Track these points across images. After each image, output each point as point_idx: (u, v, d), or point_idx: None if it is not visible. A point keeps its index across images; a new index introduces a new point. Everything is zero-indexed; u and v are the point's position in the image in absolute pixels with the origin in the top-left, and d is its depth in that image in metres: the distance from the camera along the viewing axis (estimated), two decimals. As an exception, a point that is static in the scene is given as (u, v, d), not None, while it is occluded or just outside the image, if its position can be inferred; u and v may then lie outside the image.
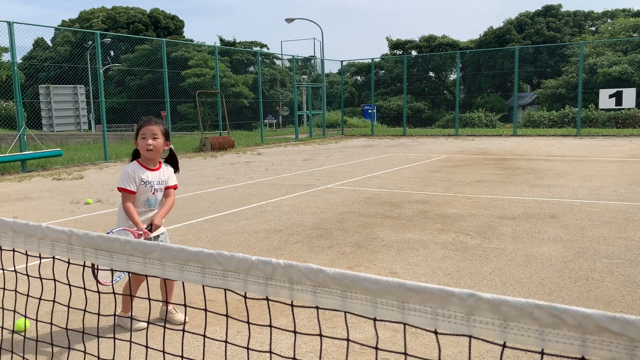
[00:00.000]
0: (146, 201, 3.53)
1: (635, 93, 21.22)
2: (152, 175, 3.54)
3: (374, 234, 5.95)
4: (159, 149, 3.54)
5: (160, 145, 3.53)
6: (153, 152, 3.50)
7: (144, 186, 3.51)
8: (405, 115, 25.81)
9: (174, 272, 1.37)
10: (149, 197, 3.52)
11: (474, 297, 0.98)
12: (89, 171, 13.06)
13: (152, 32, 50.33)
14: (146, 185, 3.51)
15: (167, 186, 3.61)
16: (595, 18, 45.89)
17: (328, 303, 1.15)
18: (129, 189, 3.46)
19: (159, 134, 3.51)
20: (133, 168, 3.52)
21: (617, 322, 0.87)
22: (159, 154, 3.60)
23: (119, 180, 3.55)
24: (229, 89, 36.09)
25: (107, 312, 3.71)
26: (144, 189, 3.51)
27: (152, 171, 3.56)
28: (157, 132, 3.50)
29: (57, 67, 38.79)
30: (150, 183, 3.53)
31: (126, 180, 3.47)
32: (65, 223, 6.98)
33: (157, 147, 3.51)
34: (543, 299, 3.89)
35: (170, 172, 3.66)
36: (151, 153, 3.50)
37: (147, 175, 3.52)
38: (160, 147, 3.54)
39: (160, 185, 3.58)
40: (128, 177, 3.48)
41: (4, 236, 1.72)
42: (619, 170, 10.61)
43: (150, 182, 3.53)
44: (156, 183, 3.56)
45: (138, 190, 3.49)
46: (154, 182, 3.54)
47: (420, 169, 11.78)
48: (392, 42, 48.65)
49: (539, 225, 6.18)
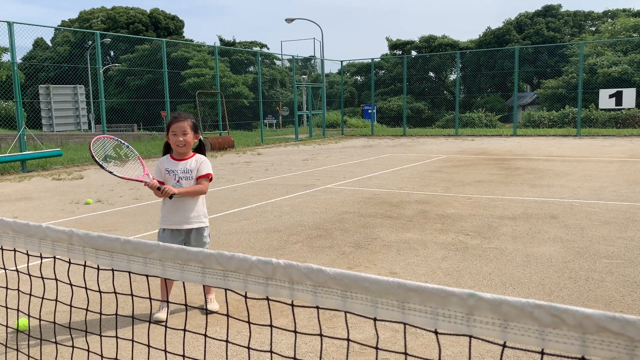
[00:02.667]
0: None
1: (635, 93, 21.21)
2: (178, 165, 3.70)
3: (374, 234, 5.96)
4: (189, 144, 3.72)
5: (191, 140, 3.71)
6: (185, 147, 3.69)
7: (168, 175, 3.70)
8: (405, 116, 25.81)
9: (174, 272, 1.37)
10: (174, 184, 3.65)
11: (474, 297, 0.99)
12: (89, 171, 13.06)
13: (152, 33, 50.31)
14: (170, 173, 3.69)
15: (198, 175, 3.70)
16: (595, 18, 45.87)
17: (328, 303, 1.15)
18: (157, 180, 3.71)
19: (188, 130, 3.68)
20: (162, 160, 3.78)
21: (617, 322, 0.88)
22: (190, 148, 3.76)
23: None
24: (229, 89, 36.08)
25: (109, 312, 3.71)
26: (168, 177, 3.69)
27: (178, 161, 3.72)
28: (186, 128, 3.67)
29: (57, 67, 38.77)
30: (174, 172, 3.69)
31: (155, 172, 3.76)
32: (65, 223, 6.98)
33: (188, 142, 3.69)
34: (543, 299, 3.90)
35: (202, 162, 3.75)
36: (182, 148, 3.70)
37: (171, 165, 3.71)
38: (190, 142, 3.72)
39: (186, 174, 3.68)
40: (157, 169, 3.77)
41: (4, 236, 1.72)
42: (619, 170, 10.61)
43: (174, 170, 3.69)
44: (180, 172, 3.69)
45: (164, 179, 3.69)
46: (177, 170, 3.69)
47: (420, 169, 11.78)
48: (392, 42, 48.64)
49: (539, 225, 6.18)
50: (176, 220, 3.67)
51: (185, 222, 3.68)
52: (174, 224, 3.67)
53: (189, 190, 3.63)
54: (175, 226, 3.67)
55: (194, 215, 3.69)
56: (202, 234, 3.75)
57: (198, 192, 3.68)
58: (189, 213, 3.68)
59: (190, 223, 3.68)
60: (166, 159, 3.76)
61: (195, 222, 3.69)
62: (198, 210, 3.72)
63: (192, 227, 3.69)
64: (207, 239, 3.80)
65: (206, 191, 3.75)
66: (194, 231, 3.71)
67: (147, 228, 6.58)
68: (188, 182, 3.68)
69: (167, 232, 3.70)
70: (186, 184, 3.67)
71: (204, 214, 3.77)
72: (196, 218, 3.70)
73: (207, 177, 3.73)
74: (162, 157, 3.80)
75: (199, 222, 3.71)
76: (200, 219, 3.72)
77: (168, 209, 3.68)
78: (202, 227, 3.74)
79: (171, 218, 3.67)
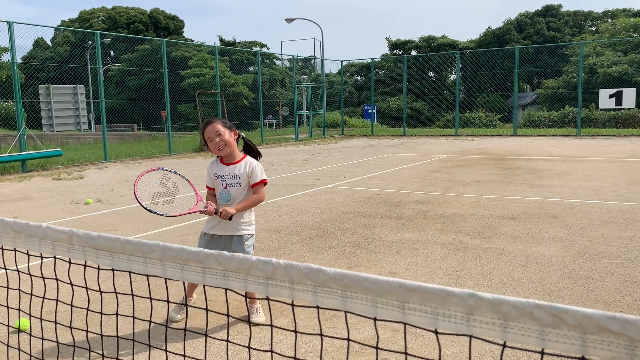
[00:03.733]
0: (219, 196, 3.48)
1: (635, 93, 21.21)
2: (226, 170, 3.47)
3: (374, 234, 5.96)
4: (230, 142, 3.43)
5: (229, 138, 3.42)
6: (227, 146, 3.42)
7: (217, 180, 3.49)
8: (405, 115, 25.80)
9: (174, 272, 1.37)
10: (221, 191, 3.46)
11: (474, 297, 0.99)
12: (89, 171, 13.06)
13: (152, 33, 50.32)
14: (218, 179, 3.48)
15: (252, 183, 3.46)
16: (595, 18, 45.86)
17: (328, 303, 1.15)
18: (207, 185, 3.57)
19: (221, 129, 3.41)
20: (211, 164, 3.57)
21: (617, 322, 0.88)
22: (234, 146, 3.48)
23: None
24: (229, 89, 36.08)
25: (109, 311, 3.71)
26: (217, 183, 3.49)
27: (227, 165, 3.48)
28: (218, 128, 3.41)
29: (57, 67, 38.78)
30: (222, 177, 3.47)
31: (207, 177, 3.58)
32: (65, 223, 6.98)
33: (226, 140, 3.41)
34: (543, 299, 3.90)
35: (253, 168, 3.47)
36: (225, 149, 3.42)
37: (219, 170, 3.49)
38: (229, 140, 3.42)
39: (234, 180, 3.45)
40: (207, 173, 3.57)
41: (5, 236, 1.73)
42: (619, 170, 10.61)
43: (222, 176, 3.47)
44: (228, 177, 3.46)
45: (214, 185, 3.51)
46: (225, 176, 3.46)
47: (420, 169, 11.78)
48: (391, 42, 48.64)
49: (539, 225, 6.18)
50: (217, 226, 3.47)
51: (227, 229, 3.45)
52: (214, 228, 3.48)
53: (245, 205, 3.40)
54: (215, 231, 3.48)
55: (235, 222, 3.44)
56: (243, 241, 3.48)
57: (255, 203, 3.44)
58: (233, 219, 3.44)
59: (231, 230, 3.45)
60: (215, 162, 3.54)
61: (236, 229, 3.46)
62: (242, 217, 3.46)
63: (233, 234, 3.46)
64: (249, 248, 3.52)
65: (264, 198, 3.50)
66: (235, 238, 3.48)
67: (147, 228, 6.58)
68: (236, 188, 3.44)
69: (208, 235, 3.52)
70: (234, 190, 3.44)
71: (249, 222, 3.52)
72: (238, 225, 3.46)
73: (262, 183, 3.47)
74: (212, 160, 3.59)
75: (240, 230, 3.47)
76: (243, 226, 3.48)
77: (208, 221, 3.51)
78: (243, 235, 3.48)
79: (213, 223, 3.48)
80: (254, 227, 3.57)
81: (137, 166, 14.14)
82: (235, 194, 3.45)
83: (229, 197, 3.46)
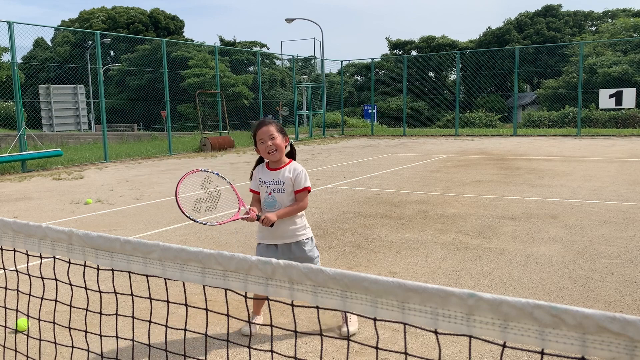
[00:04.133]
0: (264, 202, 3.39)
1: (635, 93, 21.21)
2: (270, 175, 3.37)
3: (374, 234, 5.96)
4: (281, 147, 3.34)
5: (281, 143, 3.33)
6: (277, 151, 3.32)
7: (261, 186, 3.41)
8: (405, 115, 25.80)
9: (174, 272, 1.37)
10: (266, 198, 3.37)
11: (474, 297, 0.99)
12: (89, 171, 13.06)
13: (152, 33, 50.31)
14: (262, 184, 3.40)
15: (296, 190, 3.35)
16: (595, 18, 45.87)
17: (328, 303, 1.15)
18: (251, 189, 3.48)
19: (275, 133, 3.31)
20: (257, 168, 3.47)
21: (617, 322, 0.88)
22: (283, 152, 3.38)
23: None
24: (229, 89, 36.08)
25: (109, 312, 3.71)
26: (261, 188, 3.41)
27: (272, 170, 3.39)
28: (273, 131, 3.31)
29: (57, 67, 38.78)
30: (266, 183, 3.37)
31: (252, 181, 3.48)
32: (65, 223, 6.98)
33: (278, 145, 3.31)
34: (543, 299, 3.89)
35: (297, 173, 3.36)
36: (275, 154, 3.32)
37: (264, 175, 3.40)
38: (281, 145, 3.33)
39: (278, 186, 3.34)
40: (253, 177, 3.48)
41: (4, 236, 1.72)
42: (619, 170, 10.61)
43: (266, 182, 3.38)
44: (272, 183, 3.36)
45: (259, 189, 3.42)
46: (269, 181, 3.37)
47: (420, 169, 11.78)
48: (391, 42, 48.66)
49: (539, 225, 6.18)
50: (270, 235, 3.37)
51: (280, 237, 3.35)
52: (268, 238, 3.39)
53: (287, 211, 3.29)
54: (270, 241, 3.38)
55: (288, 229, 3.34)
56: (303, 247, 3.38)
57: (297, 211, 3.33)
58: (283, 227, 3.33)
59: (284, 238, 3.35)
60: (261, 167, 3.44)
61: (290, 236, 3.36)
62: (294, 223, 3.36)
63: (290, 241, 3.36)
64: (313, 252, 3.43)
65: (306, 206, 3.38)
66: (292, 245, 3.37)
67: (147, 228, 6.58)
68: (280, 194, 3.33)
69: (262, 245, 3.43)
70: (278, 196, 3.33)
71: (303, 226, 3.40)
72: (291, 232, 3.35)
73: (306, 191, 3.36)
74: (258, 166, 3.48)
75: (295, 236, 3.37)
76: (297, 231, 3.37)
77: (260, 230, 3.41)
78: (300, 241, 3.38)
79: (265, 232, 3.38)
80: (310, 230, 3.47)
81: (137, 166, 14.14)
82: (280, 200, 3.34)
83: (273, 203, 3.35)
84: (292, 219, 3.35)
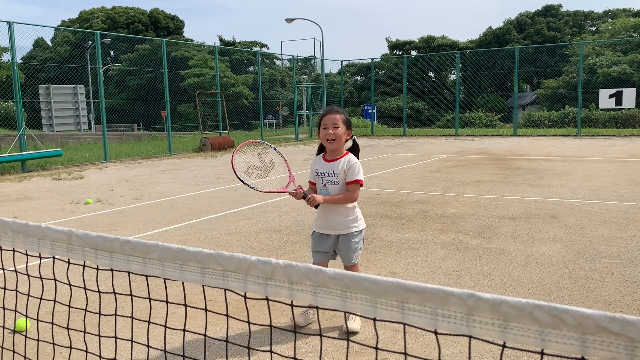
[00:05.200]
0: (320, 193, 3.39)
1: (635, 93, 21.21)
2: (326, 166, 3.39)
3: (374, 234, 5.95)
4: (341, 138, 3.36)
5: (342, 134, 3.35)
6: (335, 141, 3.34)
7: (317, 176, 3.44)
8: (405, 116, 25.80)
9: (173, 272, 1.37)
10: (321, 189, 3.39)
11: (474, 297, 0.98)
12: (89, 171, 13.06)
13: (152, 33, 50.33)
14: (318, 175, 3.42)
15: (347, 181, 3.35)
16: (595, 18, 45.88)
17: (328, 303, 1.15)
18: (309, 180, 3.51)
19: (339, 123, 3.33)
20: (315, 160, 3.51)
21: (617, 322, 0.87)
22: (342, 144, 3.39)
23: None
24: (229, 89, 36.08)
25: (108, 312, 3.71)
26: (317, 179, 3.44)
27: (328, 162, 3.41)
28: (338, 121, 3.33)
29: (57, 67, 38.77)
30: (322, 174, 3.40)
31: (310, 172, 3.53)
32: (65, 223, 6.98)
33: (338, 135, 3.33)
34: (543, 299, 3.89)
35: (351, 165, 3.37)
36: (332, 143, 3.34)
37: (320, 166, 3.41)
38: (341, 136, 3.35)
39: (332, 178, 3.37)
40: (310, 168, 3.51)
41: (3, 236, 1.72)
42: (619, 170, 10.61)
43: (321, 173, 3.41)
44: (327, 174, 3.38)
45: (315, 180, 3.46)
46: (324, 173, 3.39)
47: (420, 169, 11.78)
48: (391, 42, 48.67)
49: (539, 225, 6.18)
50: (323, 225, 3.43)
51: (332, 228, 3.40)
52: (321, 228, 3.44)
53: (334, 198, 3.30)
54: (322, 230, 3.44)
55: (340, 221, 3.39)
56: (350, 239, 3.41)
57: (345, 200, 3.33)
58: (336, 218, 3.38)
59: (336, 229, 3.40)
60: (318, 158, 3.48)
61: (342, 228, 3.39)
62: (347, 215, 3.39)
63: (339, 232, 3.40)
64: (357, 244, 3.44)
65: (356, 199, 3.38)
66: (341, 237, 3.42)
67: (147, 228, 6.58)
68: (334, 186, 3.36)
69: (316, 234, 3.48)
70: (332, 188, 3.35)
71: (355, 218, 3.43)
72: (343, 224, 3.39)
73: (357, 183, 3.35)
74: (316, 157, 3.53)
75: (346, 228, 3.40)
76: (348, 224, 3.40)
77: (319, 212, 3.45)
78: (349, 233, 3.41)
79: (320, 222, 3.45)
80: (363, 222, 3.49)
81: (137, 166, 14.14)
82: (333, 192, 3.36)
83: (327, 194, 3.38)
84: (346, 211, 3.39)
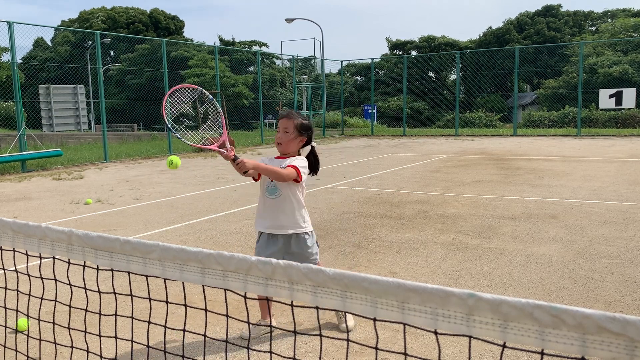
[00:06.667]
0: (266, 189, 3.37)
1: (635, 93, 21.21)
2: (274, 162, 3.37)
3: (374, 234, 5.95)
4: (288, 143, 3.35)
5: (290, 140, 3.34)
6: (281, 145, 3.35)
7: None
8: (405, 116, 25.80)
9: (173, 272, 1.37)
10: (268, 184, 3.34)
11: (474, 297, 0.98)
12: (89, 171, 13.05)
13: (152, 33, 50.31)
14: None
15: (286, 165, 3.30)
16: (595, 18, 45.88)
17: (328, 303, 1.15)
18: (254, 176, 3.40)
19: (290, 128, 3.33)
20: (269, 156, 3.49)
21: (617, 322, 0.87)
22: (289, 148, 3.38)
23: None
24: (229, 89, 36.08)
25: (108, 312, 3.71)
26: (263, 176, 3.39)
27: (277, 159, 3.40)
28: (288, 125, 3.33)
29: (57, 67, 38.77)
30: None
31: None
32: (65, 223, 6.98)
33: (284, 140, 3.33)
34: (543, 299, 3.89)
35: (297, 157, 3.37)
36: (279, 146, 3.37)
37: (270, 162, 3.38)
38: (289, 142, 3.34)
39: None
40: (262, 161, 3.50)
41: (4, 236, 1.72)
42: (619, 170, 10.61)
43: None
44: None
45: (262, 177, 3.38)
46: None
47: (420, 169, 11.78)
48: (391, 42, 48.66)
49: (539, 225, 6.18)
50: (269, 224, 3.32)
51: (281, 227, 3.30)
52: (267, 227, 3.33)
53: (267, 168, 3.17)
54: (269, 230, 3.33)
55: (290, 219, 3.29)
56: (305, 242, 3.34)
57: (278, 173, 3.19)
58: (285, 217, 3.29)
59: (286, 227, 3.30)
60: (270, 157, 3.48)
61: (293, 225, 3.30)
62: (297, 214, 3.32)
63: (289, 232, 3.30)
64: (312, 248, 3.38)
65: (287, 179, 3.22)
66: (292, 238, 3.32)
67: (147, 228, 6.58)
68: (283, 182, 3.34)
69: (264, 237, 3.37)
70: (280, 183, 3.30)
71: (304, 218, 3.35)
72: (294, 222, 3.31)
73: (294, 168, 3.25)
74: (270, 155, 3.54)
75: (297, 227, 3.31)
76: (299, 222, 3.32)
77: (262, 209, 3.37)
78: (300, 233, 3.33)
79: (264, 219, 3.34)
80: (310, 225, 3.41)
81: (137, 166, 14.14)
82: (281, 187, 3.31)
83: (275, 190, 3.33)
84: (293, 210, 3.32)
